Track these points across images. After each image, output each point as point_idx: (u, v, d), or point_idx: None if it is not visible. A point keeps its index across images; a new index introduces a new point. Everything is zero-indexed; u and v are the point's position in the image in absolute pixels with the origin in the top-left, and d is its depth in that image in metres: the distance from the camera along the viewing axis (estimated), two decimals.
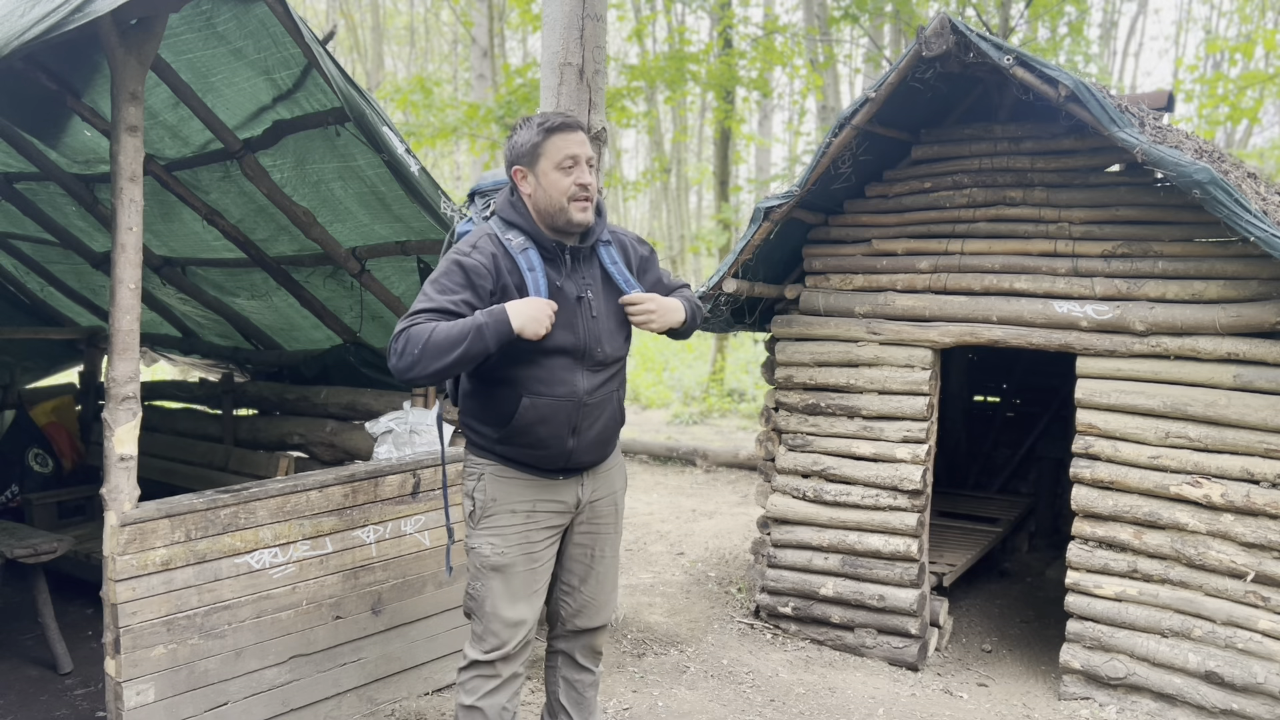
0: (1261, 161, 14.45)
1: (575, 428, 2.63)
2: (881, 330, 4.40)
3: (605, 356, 2.66)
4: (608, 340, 2.66)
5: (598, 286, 2.68)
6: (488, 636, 2.69)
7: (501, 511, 2.67)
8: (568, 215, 2.56)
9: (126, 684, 2.86)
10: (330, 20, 21.30)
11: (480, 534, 2.69)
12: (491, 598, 2.68)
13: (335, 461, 4.38)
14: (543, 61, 4.29)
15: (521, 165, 2.61)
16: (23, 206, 4.83)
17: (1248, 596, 3.57)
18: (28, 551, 3.73)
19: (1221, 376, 3.65)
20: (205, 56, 3.42)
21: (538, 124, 2.58)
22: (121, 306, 2.85)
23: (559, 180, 2.55)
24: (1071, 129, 4.07)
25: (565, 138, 2.56)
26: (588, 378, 2.63)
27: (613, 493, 2.88)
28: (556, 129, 2.56)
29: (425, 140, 13.11)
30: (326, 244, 4.06)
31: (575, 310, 2.60)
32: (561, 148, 2.55)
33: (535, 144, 2.57)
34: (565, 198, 2.55)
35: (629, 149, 27.45)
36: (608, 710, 3.69)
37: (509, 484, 2.68)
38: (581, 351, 2.61)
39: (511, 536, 2.67)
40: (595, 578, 2.87)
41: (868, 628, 4.39)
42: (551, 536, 2.75)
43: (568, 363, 2.59)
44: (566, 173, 2.55)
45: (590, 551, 2.85)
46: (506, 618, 2.68)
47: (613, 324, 2.69)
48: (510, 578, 2.67)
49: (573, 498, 2.75)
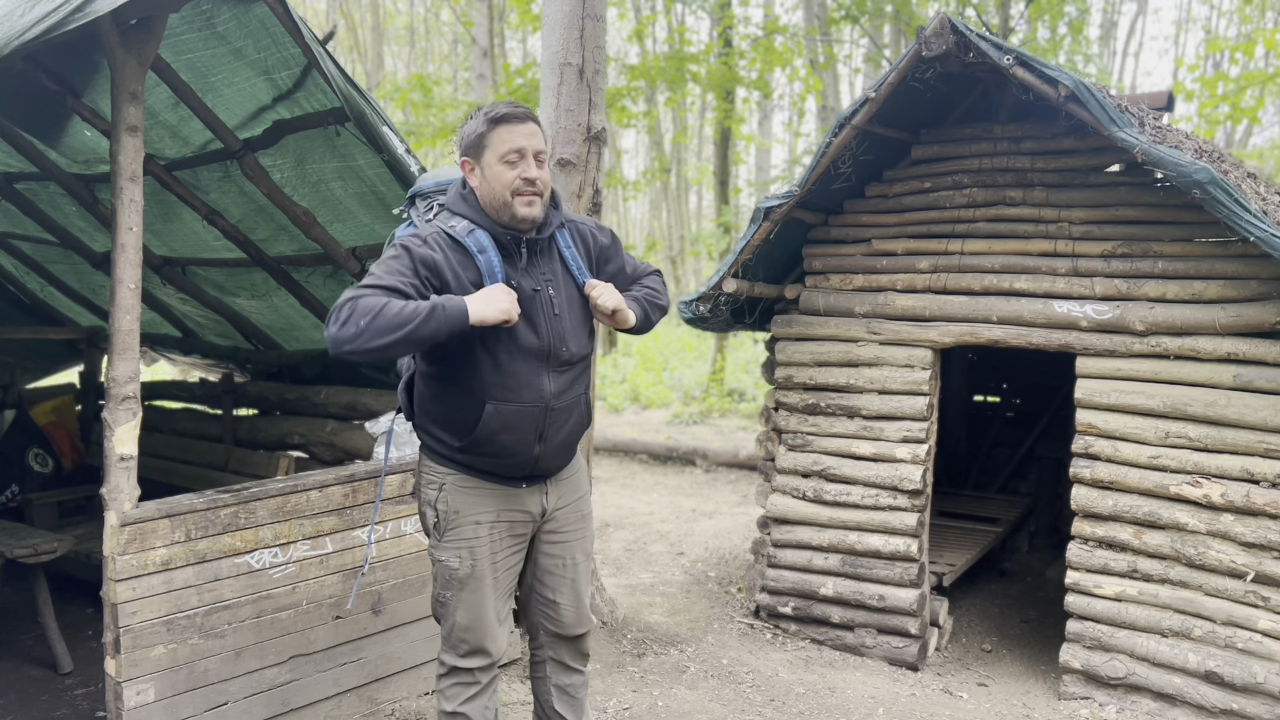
0: (1261, 161, 14.45)
1: (542, 434, 2.55)
2: (881, 330, 4.40)
3: (571, 355, 2.56)
4: (572, 338, 2.56)
5: (558, 281, 2.57)
6: (460, 644, 2.65)
7: (465, 523, 2.60)
8: (512, 210, 2.45)
9: (126, 684, 2.86)
10: (330, 20, 21.31)
11: (445, 547, 2.61)
12: (461, 609, 2.62)
13: (335, 461, 4.38)
14: (543, 61, 4.29)
15: (468, 157, 2.51)
16: (23, 206, 4.83)
17: (1247, 596, 3.58)
18: (28, 551, 3.73)
19: (1221, 376, 3.65)
20: (205, 56, 3.42)
21: (484, 114, 2.48)
22: (121, 306, 2.85)
23: (503, 174, 2.44)
24: (1071, 129, 4.07)
25: (511, 129, 2.44)
26: (554, 379, 2.54)
27: (577, 499, 2.80)
28: (501, 119, 2.44)
29: (425, 140, 13.12)
30: (326, 244, 4.06)
31: (535, 307, 2.49)
32: (506, 140, 2.44)
33: (480, 134, 2.46)
34: (509, 192, 2.44)
35: (629, 149, 27.46)
36: (607, 710, 3.69)
37: (472, 494, 2.60)
38: (545, 351, 2.50)
39: (479, 548, 2.60)
40: (570, 586, 2.79)
41: (868, 627, 4.40)
42: (517, 545, 2.69)
43: (531, 364, 2.49)
44: (511, 166, 2.44)
45: (562, 562, 2.78)
46: (477, 626, 2.63)
47: (575, 319, 2.59)
48: (479, 589, 2.61)
49: (537, 507, 2.68)
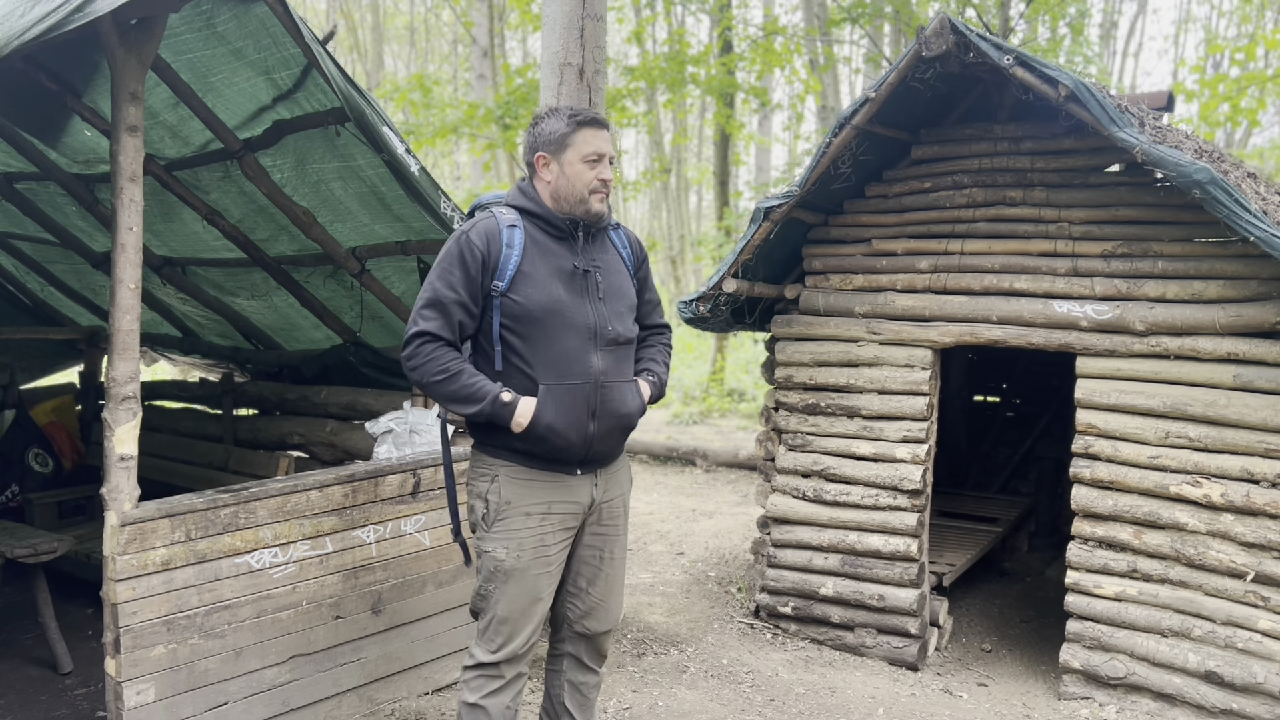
0: (1261, 161, 14.44)
1: (594, 411, 2.65)
2: (881, 330, 4.40)
3: (616, 335, 2.71)
4: (616, 319, 2.73)
5: (607, 269, 2.76)
6: (495, 638, 2.69)
7: (515, 514, 2.66)
8: (587, 206, 2.67)
9: (126, 684, 2.86)
10: (330, 20, 21.30)
11: (494, 537, 2.67)
12: (504, 601, 2.67)
13: (335, 461, 4.38)
14: (543, 61, 4.29)
15: (546, 153, 2.68)
16: (23, 206, 4.83)
17: (1247, 596, 3.58)
18: (28, 551, 3.73)
19: (1221, 376, 3.65)
20: (205, 56, 3.42)
21: (568, 115, 2.67)
22: (121, 306, 2.85)
23: (584, 172, 2.65)
24: (1071, 129, 4.07)
25: (595, 133, 2.66)
26: (602, 357, 2.67)
27: (622, 493, 2.89)
28: (588, 123, 2.66)
29: (425, 140, 13.10)
30: (326, 244, 4.06)
31: (584, 286, 2.68)
32: (590, 142, 2.65)
33: (564, 134, 2.65)
34: (587, 190, 2.66)
35: (629, 149, 27.43)
36: (607, 710, 3.69)
37: (524, 485, 2.67)
38: (592, 329, 2.66)
39: (526, 540, 2.66)
40: (604, 579, 2.85)
41: (868, 627, 4.39)
42: (565, 539, 2.74)
43: (580, 342, 2.64)
44: (592, 166, 2.65)
45: (600, 553, 2.84)
46: (516, 621, 2.67)
47: (621, 306, 2.76)
48: (523, 581, 2.66)
49: (587, 497, 2.74)
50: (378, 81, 19.38)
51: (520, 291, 2.60)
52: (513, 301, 2.60)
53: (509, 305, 2.61)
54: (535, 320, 2.61)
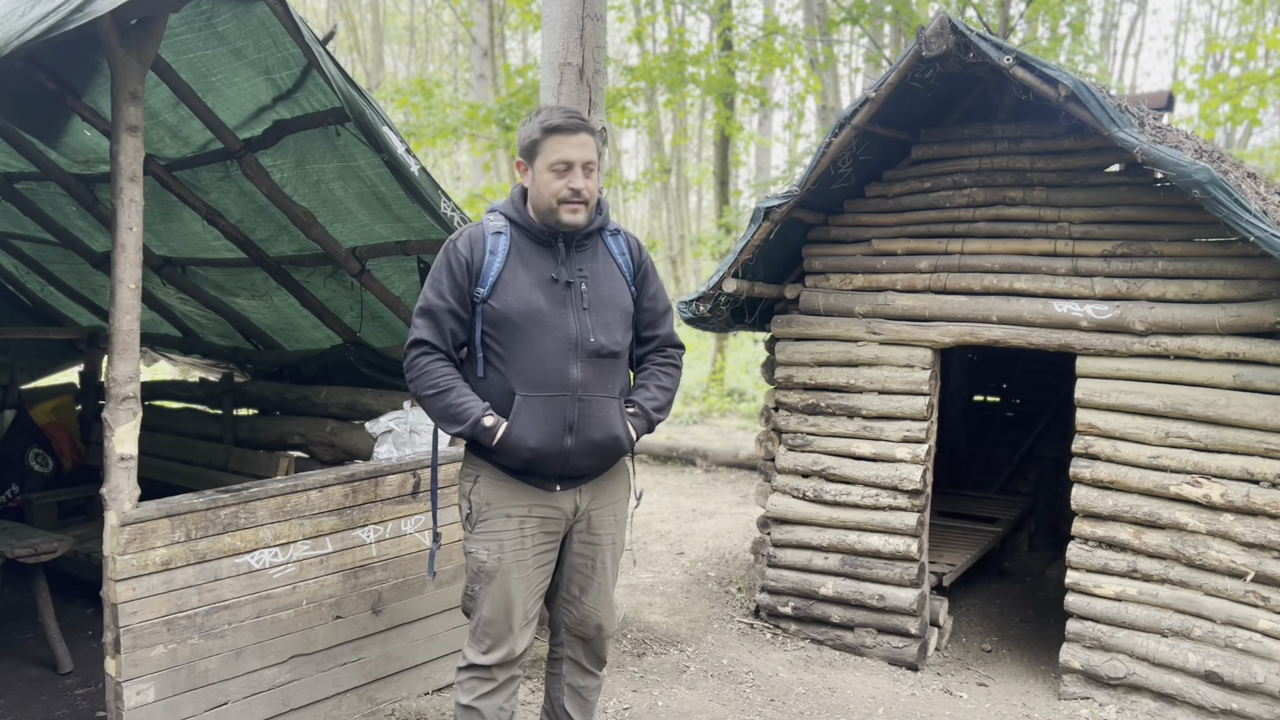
0: (1261, 161, 14.44)
1: (572, 425, 2.59)
2: (881, 330, 4.40)
3: (599, 346, 2.62)
4: (601, 330, 2.64)
5: (596, 278, 2.68)
6: (483, 639, 2.69)
7: (496, 516, 2.65)
8: (557, 216, 2.59)
9: (126, 684, 2.86)
10: (330, 20, 21.31)
11: (476, 538, 2.67)
12: (488, 602, 2.66)
13: (335, 461, 4.38)
14: (543, 61, 4.29)
15: (523, 159, 2.66)
16: (23, 206, 4.83)
17: (1247, 596, 3.57)
18: (28, 551, 3.73)
19: (1221, 376, 3.65)
20: (205, 56, 3.42)
21: (539, 121, 2.59)
22: (121, 306, 2.85)
23: (551, 182, 2.57)
24: (1071, 129, 4.07)
25: (563, 140, 2.55)
26: (582, 369, 2.60)
27: (614, 502, 2.82)
28: (554, 130, 2.55)
29: (425, 140, 13.10)
30: (326, 244, 4.06)
31: (565, 297, 2.61)
32: (557, 150, 2.55)
33: (534, 141, 2.59)
34: (555, 200, 2.57)
35: (629, 149, 27.44)
36: (607, 710, 3.69)
37: (504, 488, 2.65)
38: (573, 339, 2.59)
39: (507, 542, 2.65)
40: (596, 588, 2.83)
41: (868, 627, 4.39)
42: (548, 543, 2.72)
43: (559, 352, 2.58)
44: (559, 175, 2.56)
45: (591, 563, 2.81)
46: (501, 622, 2.67)
47: (610, 315, 2.68)
48: (505, 583, 2.65)
49: (570, 505, 2.71)
50: (378, 82, 19.38)
51: (499, 298, 2.58)
52: (492, 308, 2.59)
53: (489, 312, 2.59)
54: (514, 327, 2.57)
